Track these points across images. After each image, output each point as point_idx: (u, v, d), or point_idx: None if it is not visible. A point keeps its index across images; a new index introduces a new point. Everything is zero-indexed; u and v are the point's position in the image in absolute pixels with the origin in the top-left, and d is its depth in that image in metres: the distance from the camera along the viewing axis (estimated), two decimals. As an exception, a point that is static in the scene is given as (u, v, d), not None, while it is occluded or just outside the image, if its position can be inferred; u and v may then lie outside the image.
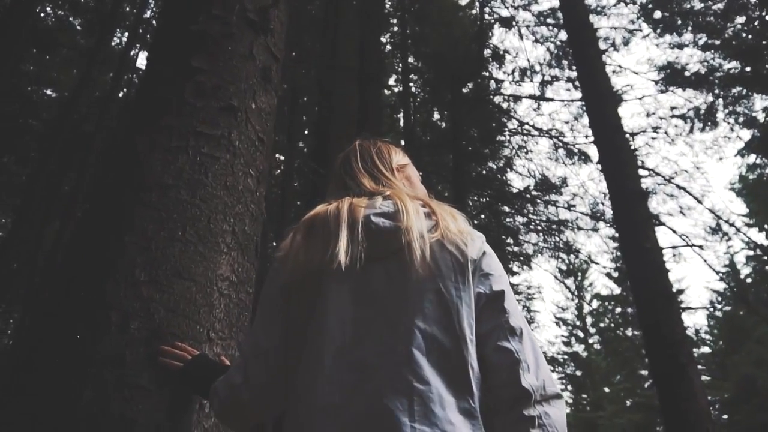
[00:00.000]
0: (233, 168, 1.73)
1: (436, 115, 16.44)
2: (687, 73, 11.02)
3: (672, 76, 11.21)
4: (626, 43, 12.48)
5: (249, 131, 1.85)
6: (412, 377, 1.02)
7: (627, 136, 6.65)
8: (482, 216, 15.52)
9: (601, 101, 6.90)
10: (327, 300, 1.13)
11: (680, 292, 22.67)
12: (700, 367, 13.59)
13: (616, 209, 6.26)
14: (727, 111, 11.41)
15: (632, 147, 6.45)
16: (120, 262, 1.43)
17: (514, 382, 1.11)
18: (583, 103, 11.72)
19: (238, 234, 1.67)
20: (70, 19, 13.85)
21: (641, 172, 6.72)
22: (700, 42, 11.45)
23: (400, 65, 16.51)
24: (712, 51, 11.01)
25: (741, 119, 11.32)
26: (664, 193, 10.42)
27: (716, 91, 11.06)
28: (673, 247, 6.60)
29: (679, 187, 7.57)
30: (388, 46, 18.24)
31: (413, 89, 15.99)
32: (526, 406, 1.10)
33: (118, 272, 1.41)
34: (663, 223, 6.67)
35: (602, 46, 11.59)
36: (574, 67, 13.20)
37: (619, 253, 26.79)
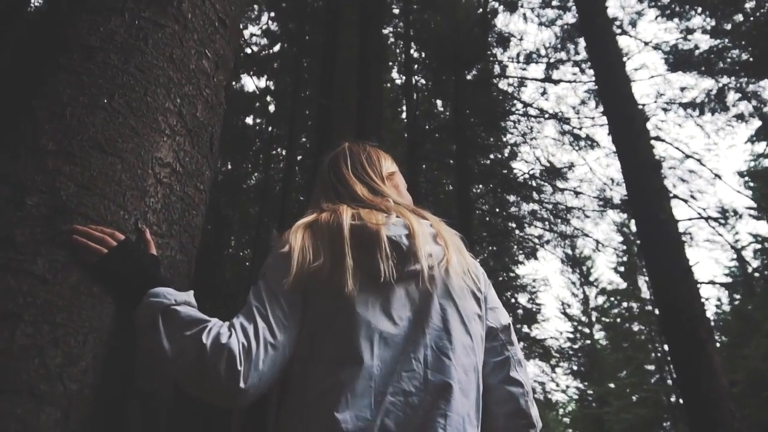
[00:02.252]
0: (182, 41, 1.40)
1: (440, 107, 16.18)
2: (696, 56, 10.69)
3: (680, 61, 10.86)
4: (633, 24, 12.14)
5: (206, 7, 1.52)
6: (446, 408, 1.02)
7: (639, 107, 6.31)
8: (486, 207, 15.22)
9: (611, 71, 6.55)
10: (352, 316, 1.07)
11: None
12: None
13: (629, 181, 5.92)
14: (738, 96, 11.10)
15: (644, 117, 6.09)
16: (23, 128, 1.10)
17: (525, 412, 1.19)
18: (591, 83, 11.40)
19: (186, 117, 1.34)
20: None
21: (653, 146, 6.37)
22: (708, 27, 11.13)
23: (403, 56, 16.29)
24: (721, 37, 10.68)
25: (752, 105, 11.00)
26: (675, 176, 10.10)
27: (725, 77, 10.75)
28: (689, 219, 6.25)
29: (696, 160, 7.20)
30: (391, 37, 18.04)
31: (416, 79, 15.72)
32: None
33: (17, 140, 1.09)
34: (676, 196, 6.30)
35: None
36: (580, 51, 12.89)
37: (625, 247, 26.61)
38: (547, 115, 11.64)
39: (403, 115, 16.66)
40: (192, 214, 1.30)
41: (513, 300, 15.09)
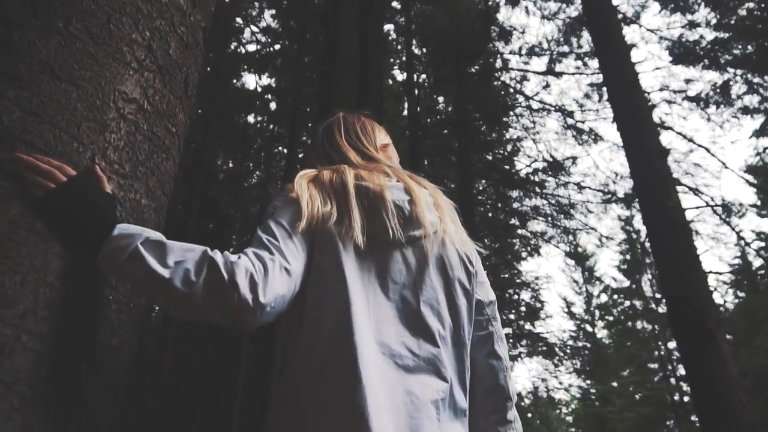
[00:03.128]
0: (153, -28, 1.27)
1: (441, 104, 16.06)
2: (700, 48, 10.54)
3: (684, 53, 10.72)
4: (637, 17, 12.00)
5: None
6: (438, 375, 1.03)
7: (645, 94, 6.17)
8: (488, 204, 15.08)
9: (616, 58, 6.41)
10: (350, 272, 1.04)
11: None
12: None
13: (635, 169, 5.77)
14: (744, 90, 10.95)
15: (650, 104, 5.95)
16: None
17: (504, 386, 1.23)
18: (595, 75, 11.26)
19: (157, 53, 1.21)
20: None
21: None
22: (713, 21, 10.98)
23: (405, 52, 16.18)
24: (723, 31, 10.53)
25: (756, 100, 10.86)
26: (681, 170, 9.94)
27: (730, 70, 10.60)
28: (697, 207, 6.10)
29: (705, 148, 7.03)
30: (392, 33, 17.94)
31: (417, 76, 15.60)
32: (508, 409, 1.23)
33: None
34: (682, 183, 6.15)
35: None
36: (583, 45, 12.75)
37: (627, 246, 26.43)
38: (550, 108, 11.49)
39: (405, 113, 16.56)
40: (161, 157, 1.17)
41: (516, 296, 14.95)
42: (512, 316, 15.28)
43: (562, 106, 11.65)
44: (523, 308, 14.77)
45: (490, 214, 14.97)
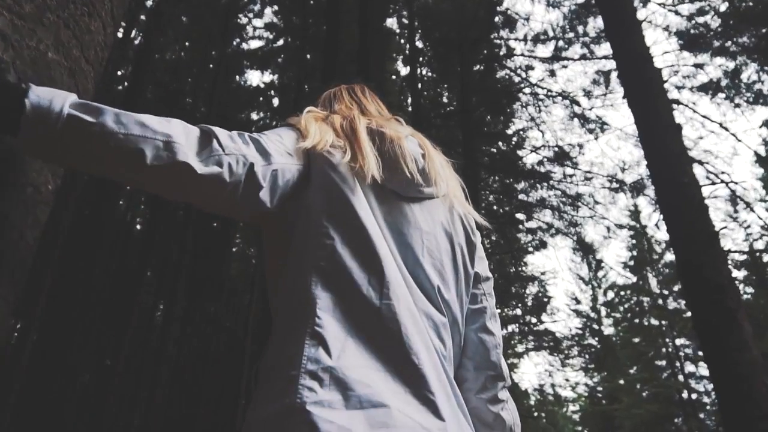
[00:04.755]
0: None
1: (445, 99, 15.87)
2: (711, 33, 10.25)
3: (693, 40, 10.44)
4: (644, 2, 11.72)
5: None
6: (437, 339, 0.97)
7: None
8: (492, 198, 14.85)
9: (627, 32, 6.11)
10: (365, 215, 0.96)
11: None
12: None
13: (647, 144, 5.49)
14: (755, 77, 10.68)
15: (663, 79, 5.68)
16: None
17: (496, 364, 1.15)
18: (601, 61, 11.00)
19: None
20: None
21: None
22: (721, 8, 10.70)
23: (408, 45, 16.00)
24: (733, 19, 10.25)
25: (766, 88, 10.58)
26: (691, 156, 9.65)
27: (738, 59, 10.34)
28: (713, 183, 5.83)
29: (720, 126, 6.74)
30: (395, 27, 17.76)
31: (420, 68, 15.43)
32: (500, 388, 1.15)
33: None
34: (697, 160, 5.86)
35: None
36: (589, 32, 12.49)
37: (634, 241, 26.15)
38: (556, 95, 11.23)
39: (410, 109, 16.38)
40: (82, 11, 0.92)
41: (522, 290, 14.74)
42: (518, 311, 15.09)
43: (569, 94, 11.39)
44: (529, 301, 14.55)
45: (495, 207, 14.76)
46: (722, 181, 5.80)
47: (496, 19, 13.29)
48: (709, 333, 4.56)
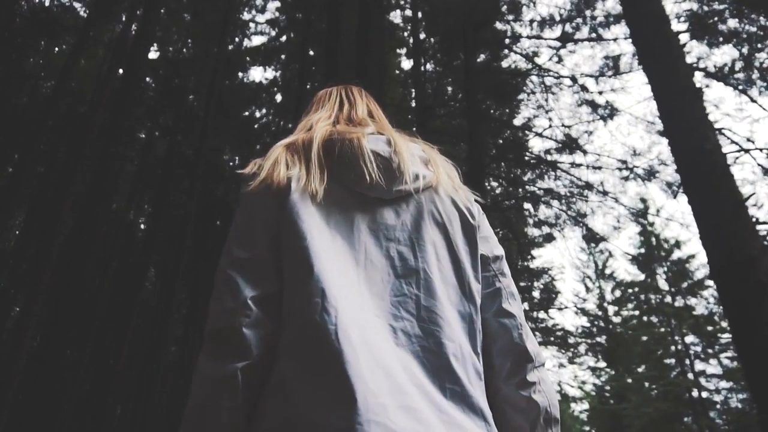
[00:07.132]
0: None
1: (449, 92, 15.63)
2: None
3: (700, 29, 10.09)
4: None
5: None
6: (443, 336, 0.93)
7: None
8: (499, 189, 14.54)
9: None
10: (311, 227, 0.95)
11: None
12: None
13: (664, 111, 5.11)
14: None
15: (681, 42, 5.30)
16: None
17: (519, 346, 1.09)
18: (610, 43, 10.66)
19: None
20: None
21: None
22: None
23: (411, 39, 15.79)
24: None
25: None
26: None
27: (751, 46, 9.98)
28: (737, 151, 5.43)
29: (745, 94, 6.35)
30: (399, 20, 17.54)
31: (424, 61, 15.22)
32: (528, 371, 1.08)
33: None
34: (719, 130, 5.43)
35: None
36: (597, 16, 12.16)
37: (642, 238, 25.77)
38: (564, 78, 10.89)
39: (413, 104, 16.13)
40: None
41: (529, 284, 14.46)
42: (525, 306, 14.80)
43: (578, 77, 11.05)
44: (536, 294, 14.29)
45: (500, 199, 14.48)
46: (741, 149, 5.40)
47: (502, 6, 13.02)
48: (737, 310, 4.20)
